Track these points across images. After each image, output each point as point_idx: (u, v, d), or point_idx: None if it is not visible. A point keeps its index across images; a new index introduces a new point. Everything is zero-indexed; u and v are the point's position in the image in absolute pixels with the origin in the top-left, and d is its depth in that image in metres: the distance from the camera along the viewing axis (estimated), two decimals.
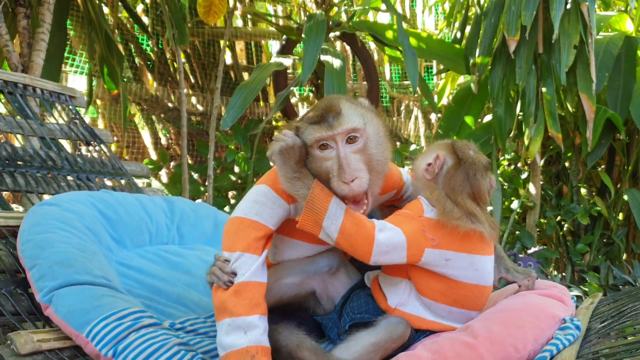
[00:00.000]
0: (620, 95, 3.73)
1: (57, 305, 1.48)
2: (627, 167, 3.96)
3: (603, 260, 3.79)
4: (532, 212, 3.91)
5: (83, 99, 2.76)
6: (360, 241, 1.39)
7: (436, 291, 1.47)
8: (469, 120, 4.22)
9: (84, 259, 1.62)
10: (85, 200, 1.92)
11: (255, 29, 5.11)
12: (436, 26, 5.77)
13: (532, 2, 3.22)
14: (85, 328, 1.41)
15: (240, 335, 1.33)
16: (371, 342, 1.41)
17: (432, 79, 5.78)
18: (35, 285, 1.55)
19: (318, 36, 3.38)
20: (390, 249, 1.40)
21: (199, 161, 4.89)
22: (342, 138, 1.40)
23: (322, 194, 1.39)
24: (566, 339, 1.38)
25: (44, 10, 3.06)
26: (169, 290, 1.80)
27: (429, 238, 1.42)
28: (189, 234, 2.17)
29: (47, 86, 2.57)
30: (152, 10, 4.75)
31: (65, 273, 1.54)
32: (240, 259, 1.40)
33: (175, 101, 4.76)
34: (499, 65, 3.58)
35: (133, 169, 2.67)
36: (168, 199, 2.27)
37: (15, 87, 2.43)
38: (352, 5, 4.88)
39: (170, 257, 1.97)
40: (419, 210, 1.47)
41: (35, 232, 1.69)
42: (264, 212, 1.45)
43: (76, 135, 2.52)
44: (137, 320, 1.44)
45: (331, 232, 1.38)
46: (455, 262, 1.45)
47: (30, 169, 2.17)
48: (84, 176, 2.35)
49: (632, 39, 3.85)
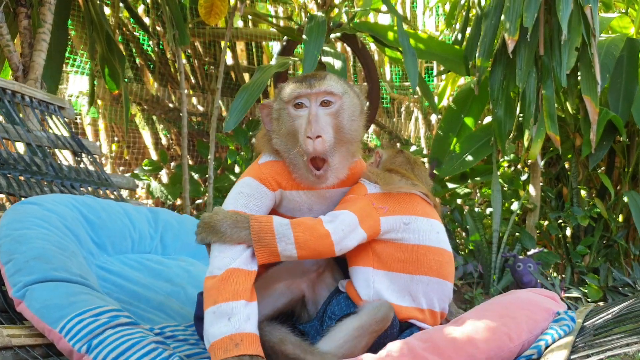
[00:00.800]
0: (621, 97, 3.74)
1: (31, 300, 1.44)
2: (627, 169, 3.96)
3: (603, 262, 3.79)
4: (532, 213, 3.91)
5: (72, 111, 2.77)
6: (319, 242, 1.41)
7: (405, 262, 1.48)
8: (469, 122, 4.22)
9: (62, 256, 1.58)
10: (67, 203, 1.89)
11: (256, 30, 5.11)
12: (437, 27, 5.78)
13: (534, 4, 3.22)
14: (59, 323, 1.38)
15: (225, 323, 1.30)
16: (354, 327, 1.41)
17: (433, 80, 5.78)
18: (10, 280, 1.51)
19: (319, 37, 3.38)
20: (346, 231, 1.42)
21: (200, 162, 4.90)
22: (317, 99, 1.46)
23: (262, 223, 1.40)
24: (561, 329, 1.37)
25: (45, 11, 3.06)
26: (150, 297, 1.77)
27: (379, 207, 1.47)
28: (172, 244, 2.14)
29: (37, 95, 2.57)
30: (153, 10, 4.75)
31: (41, 268, 1.50)
32: (231, 250, 1.40)
33: (175, 101, 4.76)
34: (499, 66, 3.59)
35: (119, 181, 2.67)
36: (153, 209, 2.25)
37: (4, 92, 2.42)
38: (352, 7, 4.88)
39: (152, 265, 1.94)
40: (362, 191, 1.53)
41: (14, 228, 1.64)
42: (251, 202, 1.47)
43: (64, 144, 2.51)
44: (114, 318, 1.41)
45: (289, 251, 1.40)
46: (415, 225, 1.49)
47: (13, 172, 2.15)
48: (68, 183, 2.34)
49: (634, 40, 3.85)
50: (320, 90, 1.46)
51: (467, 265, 3.49)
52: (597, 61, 3.31)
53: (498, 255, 3.61)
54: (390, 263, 1.48)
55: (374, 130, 5.71)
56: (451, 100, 4.55)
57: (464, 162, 4.00)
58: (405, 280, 1.49)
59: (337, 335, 1.42)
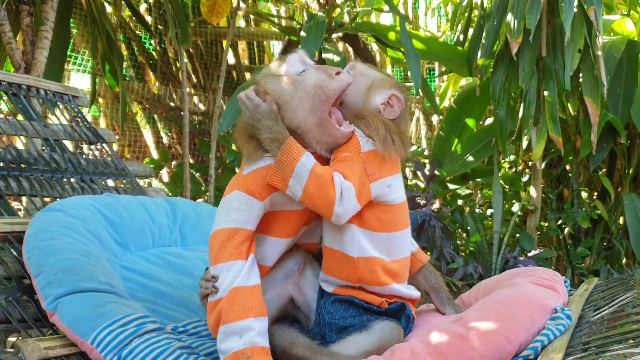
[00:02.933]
0: (621, 99, 3.74)
1: (63, 312, 1.51)
2: (627, 171, 3.96)
3: (603, 264, 3.79)
4: (533, 215, 3.91)
5: (86, 99, 2.77)
6: (322, 202, 1.41)
7: (384, 222, 1.50)
8: (470, 123, 4.22)
9: (88, 265, 1.65)
10: (89, 205, 1.95)
11: (257, 29, 5.11)
12: (438, 28, 5.78)
13: (537, 6, 3.22)
14: (90, 335, 1.44)
15: (236, 339, 1.34)
16: (365, 350, 1.41)
17: (434, 80, 5.78)
18: (41, 293, 1.58)
19: (317, 35, 3.38)
20: (346, 207, 1.42)
21: (201, 161, 4.90)
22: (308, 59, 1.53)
23: (292, 152, 1.42)
24: (557, 329, 1.39)
25: (47, 9, 3.06)
26: (172, 294, 1.83)
27: (370, 173, 1.46)
28: (191, 235, 2.18)
29: (50, 86, 2.58)
30: (155, 9, 4.76)
31: (70, 280, 1.57)
32: (229, 269, 1.41)
33: (177, 100, 4.76)
34: (501, 67, 3.59)
35: (136, 169, 2.68)
36: (170, 200, 2.28)
37: (19, 88, 2.43)
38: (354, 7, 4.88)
39: (172, 259, 1.99)
40: (357, 148, 1.49)
41: (41, 238, 1.71)
42: (241, 216, 1.46)
43: (79, 135, 2.52)
44: (141, 326, 1.47)
45: (296, 191, 1.42)
46: (394, 185, 1.51)
47: (34, 172, 2.18)
48: (88, 178, 2.35)
49: (635, 43, 3.85)
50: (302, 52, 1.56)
51: (467, 266, 3.49)
52: (602, 63, 3.30)
53: (499, 256, 3.61)
54: (372, 223, 1.49)
55: None
56: (453, 101, 4.56)
57: (465, 163, 4.00)
58: (383, 239, 1.51)
59: (349, 348, 1.43)
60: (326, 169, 1.44)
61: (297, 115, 1.49)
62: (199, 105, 5.00)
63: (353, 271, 1.49)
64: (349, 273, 1.50)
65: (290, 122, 1.49)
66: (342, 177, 1.42)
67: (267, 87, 1.53)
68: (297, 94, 1.49)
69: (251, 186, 1.47)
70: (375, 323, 1.46)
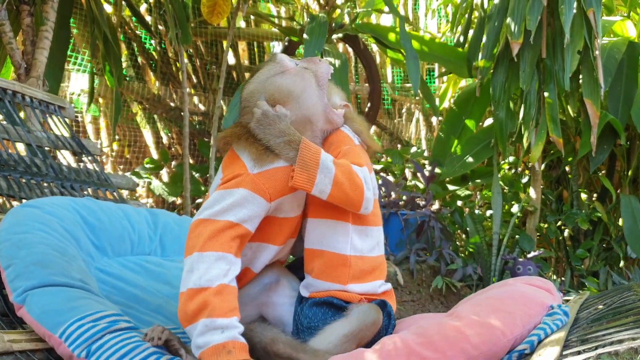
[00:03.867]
0: (621, 101, 3.74)
1: (31, 305, 1.45)
2: (627, 172, 3.96)
3: (602, 265, 3.79)
4: (533, 216, 3.91)
5: (72, 110, 2.76)
6: (352, 189, 1.43)
7: (376, 215, 1.54)
8: (470, 124, 4.22)
9: (62, 261, 1.59)
10: (67, 205, 1.89)
11: (258, 30, 5.11)
12: (438, 29, 5.78)
13: (537, 7, 3.22)
14: (59, 329, 1.38)
15: (217, 334, 1.32)
16: (344, 333, 1.39)
17: (434, 81, 5.78)
18: (10, 285, 1.51)
19: (319, 37, 3.38)
20: (372, 190, 1.47)
21: (201, 161, 4.90)
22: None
23: (312, 150, 1.43)
24: (554, 324, 1.38)
25: (48, 8, 3.06)
26: (149, 300, 1.78)
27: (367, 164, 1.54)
28: (171, 246, 2.14)
29: (37, 95, 2.57)
30: (155, 9, 4.75)
31: (41, 274, 1.51)
32: (218, 259, 1.40)
33: (177, 101, 4.76)
34: (501, 68, 3.59)
35: (119, 181, 2.66)
36: (152, 211, 2.24)
37: (4, 93, 2.42)
38: (355, 8, 4.88)
39: (151, 267, 1.95)
40: (352, 142, 1.56)
41: (14, 232, 1.65)
42: (242, 214, 1.45)
43: (64, 145, 2.50)
44: (114, 323, 1.42)
45: (325, 185, 1.41)
46: (372, 177, 1.54)
47: (13, 173, 2.14)
48: (69, 184, 2.33)
49: (635, 44, 3.85)
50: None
51: (466, 268, 3.49)
52: (600, 65, 3.31)
53: (498, 257, 3.61)
54: (369, 217, 1.50)
55: (375, 132, 5.71)
56: (452, 102, 4.55)
57: (464, 164, 4.00)
58: (374, 232, 1.53)
59: (329, 337, 1.41)
60: (343, 159, 1.48)
61: (310, 104, 1.52)
62: (199, 106, 5.00)
63: (345, 270, 1.48)
64: (341, 273, 1.48)
65: (303, 114, 1.51)
66: (357, 165, 1.46)
67: (276, 86, 1.53)
68: (305, 84, 1.52)
69: (263, 186, 1.45)
70: (353, 306, 1.45)
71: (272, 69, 1.56)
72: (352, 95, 5.59)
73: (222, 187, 1.47)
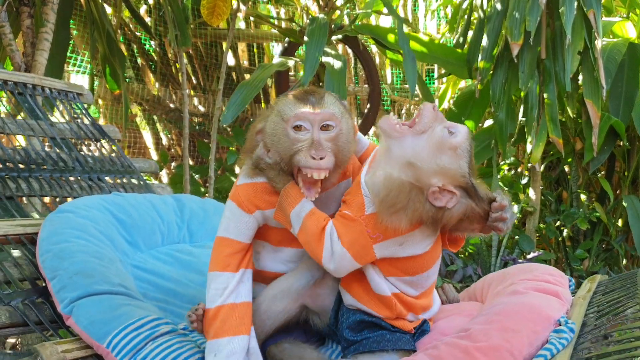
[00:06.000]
0: (622, 102, 3.75)
1: (78, 316, 1.54)
2: (627, 173, 3.97)
3: (602, 266, 3.80)
4: (532, 217, 3.92)
5: (90, 96, 2.79)
6: (311, 253, 1.43)
7: (408, 269, 1.46)
8: (469, 125, 4.22)
9: (101, 267, 1.68)
10: (99, 205, 1.98)
11: (257, 31, 5.12)
12: (438, 30, 5.79)
13: (537, 8, 3.23)
14: (106, 339, 1.46)
15: (211, 358, 1.39)
16: None
17: (434, 82, 5.79)
18: (57, 296, 1.61)
19: (320, 39, 3.39)
20: (338, 266, 1.41)
21: (200, 162, 4.90)
22: (319, 122, 1.41)
23: (289, 200, 1.43)
24: (560, 343, 1.41)
25: (47, 10, 3.06)
26: (183, 292, 1.87)
27: (372, 237, 1.39)
28: (198, 231, 2.22)
29: (55, 85, 2.59)
30: (155, 10, 4.76)
31: (84, 283, 1.60)
32: (215, 279, 1.45)
33: (177, 102, 4.76)
34: (501, 70, 3.59)
35: (141, 166, 2.69)
36: (177, 197, 2.33)
37: (25, 87, 2.44)
38: (354, 9, 4.89)
39: (182, 256, 2.03)
40: (360, 209, 1.41)
41: (54, 241, 1.74)
42: (231, 226, 1.49)
43: (85, 133, 2.54)
44: (154, 329, 1.49)
45: (296, 234, 1.44)
46: (409, 241, 1.42)
47: (43, 173, 2.20)
48: (95, 176, 2.38)
49: (636, 45, 3.86)
50: (323, 112, 1.41)
51: (466, 268, 3.49)
52: (602, 65, 3.31)
53: (497, 258, 3.61)
54: (394, 271, 1.47)
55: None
56: (452, 103, 4.56)
57: None
58: (412, 280, 1.49)
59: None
60: (318, 221, 1.42)
61: (281, 149, 1.45)
62: (199, 107, 5.00)
63: (391, 308, 1.47)
64: (388, 310, 1.48)
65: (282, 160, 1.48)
66: (337, 237, 1.40)
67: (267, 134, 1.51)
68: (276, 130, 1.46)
69: (241, 198, 1.49)
70: (383, 355, 1.45)
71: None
72: (352, 96, 5.60)
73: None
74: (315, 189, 1.43)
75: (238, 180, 1.53)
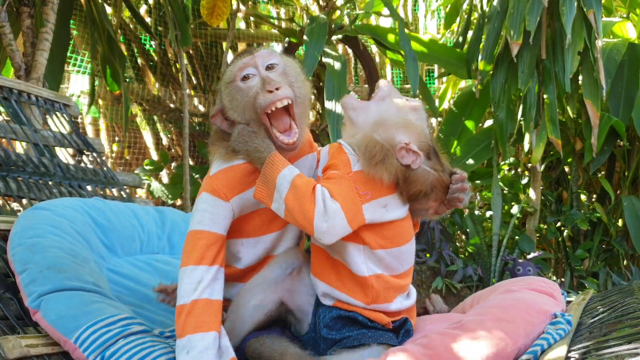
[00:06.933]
0: (622, 102, 3.75)
1: (46, 310, 1.47)
2: (627, 173, 3.96)
3: (602, 266, 3.80)
4: (532, 217, 3.91)
5: (77, 108, 2.79)
6: (301, 218, 1.37)
7: (391, 238, 1.45)
8: (469, 125, 4.22)
9: (75, 264, 1.61)
10: (77, 207, 1.91)
11: (257, 31, 5.12)
12: (438, 30, 5.78)
13: (537, 8, 3.23)
14: (74, 334, 1.40)
15: (183, 356, 1.35)
16: None
17: (434, 82, 5.79)
18: (25, 290, 1.53)
19: (319, 38, 3.39)
20: (331, 224, 1.35)
21: (200, 162, 4.90)
22: (262, 63, 1.47)
23: (274, 166, 1.41)
24: (557, 334, 1.39)
25: (48, 10, 3.07)
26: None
27: (362, 194, 1.41)
28: (179, 243, 2.15)
29: (42, 93, 2.59)
30: (155, 11, 4.76)
31: (55, 278, 1.53)
32: (190, 273, 1.42)
33: (177, 102, 4.76)
34: (501, 70, 3.59)
35: (125, 179, 2.68)
36: (159, 209, 2.27)
37: (11, 92, 2.43)
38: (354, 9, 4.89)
39: (160, 266, 1.97)
40: (346, 167, 1.45)
41: (27, 236, 1.67)
42: (205, 218, 1.46)
43: (69, 143, 2.52)
44: (126, 327, 1.43)
45: (279, 206, 1.39)
46: (392, 204, 1.44)
47: (22, 174, 2.16)
48: (76, 184, 2.35)
49: (636, 45, 3.86)
50: (262, 53, 1.48)
51: (466, 269, 3.49)
52: (602, 66, 3.31)
53: (498, 258, 3.61)
54: (378, 241, 1.45)
55: None
56: (452, 103, 4.56)
57: (464, 166, 4.00)
58: (394, 253, 1.47)
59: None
60: (308, 181, 1.40)
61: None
62: (199, 107, 5.00)
63: (367, 291, 1.45)
64: (363, 294, 1.45)
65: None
66: (328, 194, 1.37)
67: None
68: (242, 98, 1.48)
69: (216, 186, 1.47)
70: (366, 348, 1.43)
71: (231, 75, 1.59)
72: None
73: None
74: (292, 131, 1.46)
75: (210, 172, 1.51)
